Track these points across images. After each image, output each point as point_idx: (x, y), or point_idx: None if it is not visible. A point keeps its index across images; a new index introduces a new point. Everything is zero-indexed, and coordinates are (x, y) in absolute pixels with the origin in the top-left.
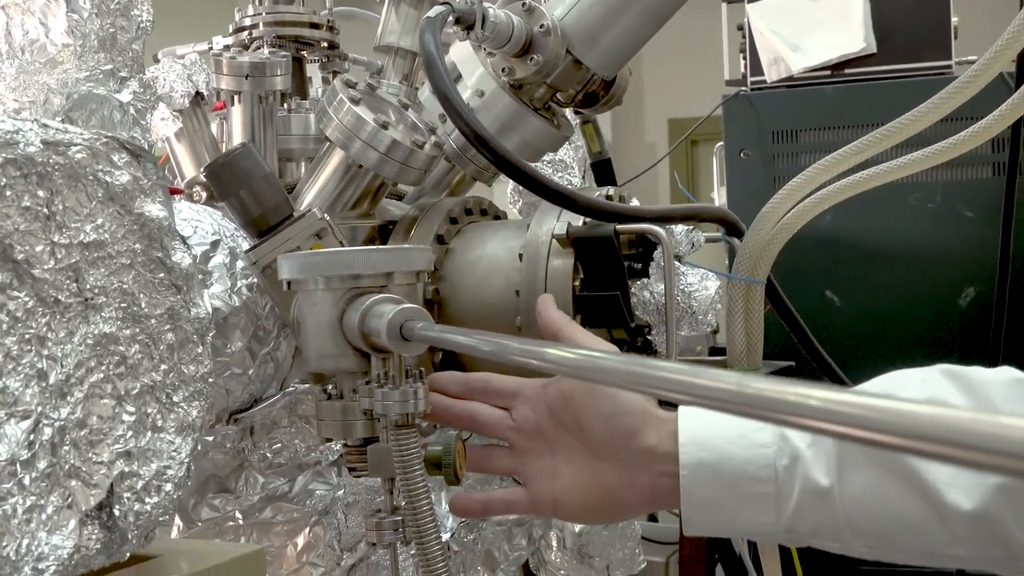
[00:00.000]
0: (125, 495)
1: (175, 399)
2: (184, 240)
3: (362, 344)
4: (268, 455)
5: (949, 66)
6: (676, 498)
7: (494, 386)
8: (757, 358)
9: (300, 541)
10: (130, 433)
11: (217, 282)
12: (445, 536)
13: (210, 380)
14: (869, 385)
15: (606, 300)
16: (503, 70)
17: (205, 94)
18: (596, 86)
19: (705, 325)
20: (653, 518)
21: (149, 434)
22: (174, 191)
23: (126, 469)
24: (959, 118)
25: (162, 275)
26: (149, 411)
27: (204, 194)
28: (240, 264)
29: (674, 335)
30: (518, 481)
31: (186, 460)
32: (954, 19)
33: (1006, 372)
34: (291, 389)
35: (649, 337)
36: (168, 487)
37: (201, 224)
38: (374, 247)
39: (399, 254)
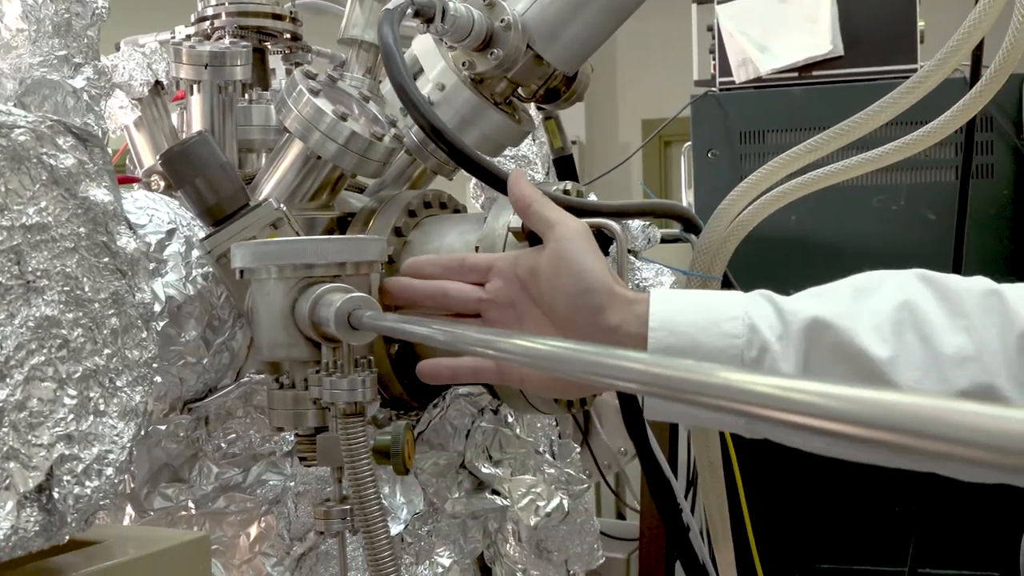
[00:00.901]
0: (65, 478)
1: (118, 384)
2: (131, 225)
3: (313, 333)
4: (222, 445)
5: (915, 70)
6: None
7: (469, 263)
8: None
9: (253, 531)
10: (71, 416)
11: (172, 271)
12: (399, 527)
13: (154, 365)
14: (847, 281)
15: None
16: (464, 64)
17: (165, 83)
18: (558, 82)
19: None
20: (621, 516)
21: (91, 418)
22: (131, 179)
23: (66, 452)
24: (918, 122)
25: (107, 259)
26: (91, 395)
27: (162, 183)
28: (196, 253)
29: None
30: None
31: (128, 445)
32: (920, 23)
33: (981, 282)
34: (246, 379)
35: None
36: (109, 471)
37: (157, 213)
38: (327, 236)
39: (352, 244)
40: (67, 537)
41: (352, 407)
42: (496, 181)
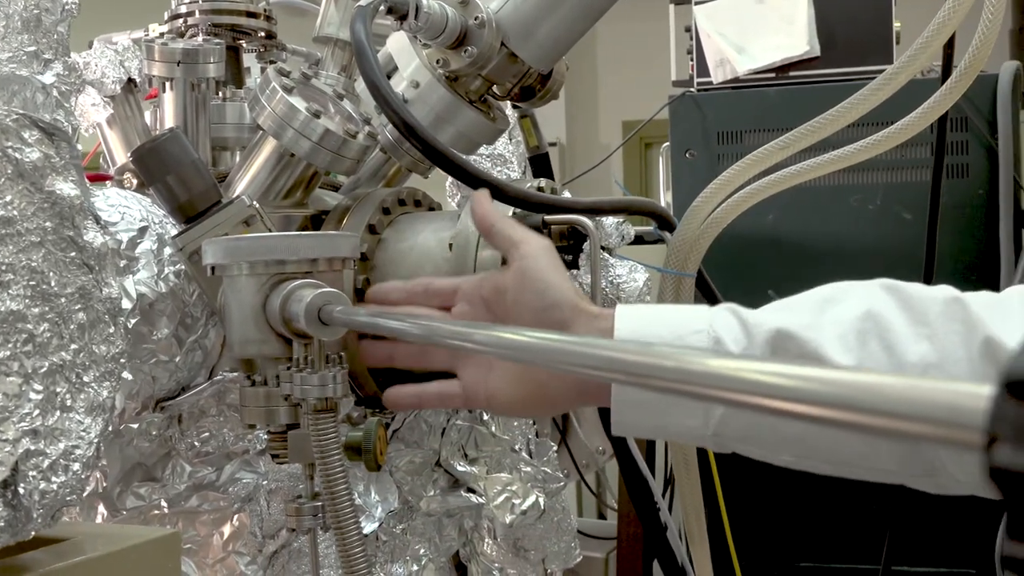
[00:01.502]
0: (31, 473)
1: (85, 379)
2: (99, 220)
3: (284, 330)
4: (196, 444)
5: None
6: (606, 395)
7: (434, 287)
8: None
9: (226, 530)
10: (37, 412)
11: (144, 268)
12: (373, 525)
13: (122, 361)
14: (811, 292)
15: None
16: (438, 61)
17: (137, 80)
18: (532, 80)
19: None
20: (601, 516)
21: (58, 413)
22: (103, 177)
23: (32, 448)
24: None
25: (73, 254)
26: (58, 390)
27: (135, 181)
28: (168, 251)
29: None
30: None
31: (95, 440)
32: (896, 24)
33: (944, 291)
34: (219, 377)
35: None
36: (76, 467)
37: (129, 210)
38: (299, 233)
39: (324, 240)
40: (33, 533)
41: (323, 403)
42: (469, 177)
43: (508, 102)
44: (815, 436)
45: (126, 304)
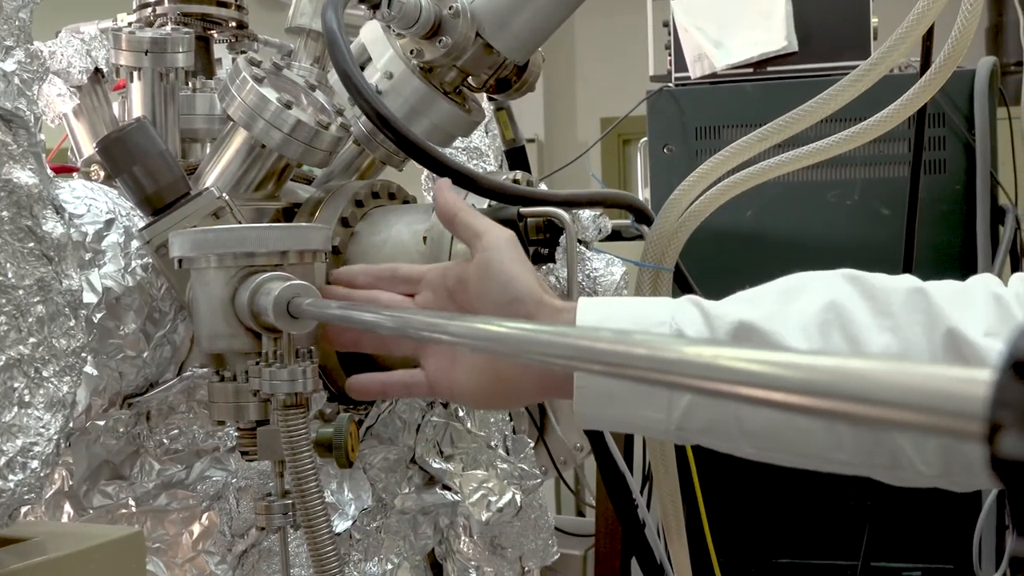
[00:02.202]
0: None
1: (45, 374)
2: (59, 210)
3: (253, 324)
4: (165, 441)
5: None
6: (569, 387)
7: (401, 274)
8: None
9: (195, 529)
10: None
11: (110, 262)
12: (347, 524)
13: (83, 355)
14: (774, 284)
15: None
16: (412, 52)
17: (105, 71)
18: (508, 71)
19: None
20: (580, 513)
21: (15, 409)
22: (69, 169)
23: None
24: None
25: (32, 244)
26: (15, 385)
27: (102, 173)
28: (135, 244)
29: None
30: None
31: (55, 437)
32: (874, 20)
33: (907, 280)
34: (189, 373)
35: None
36: (34, 464)
37: (95, 202)
38: (269, 224)
39: (294, 232)
40: None
41: (292, 398)
42: (442, 168)
43: (484, 94)
44: (779, 429)
45: (91, 298)
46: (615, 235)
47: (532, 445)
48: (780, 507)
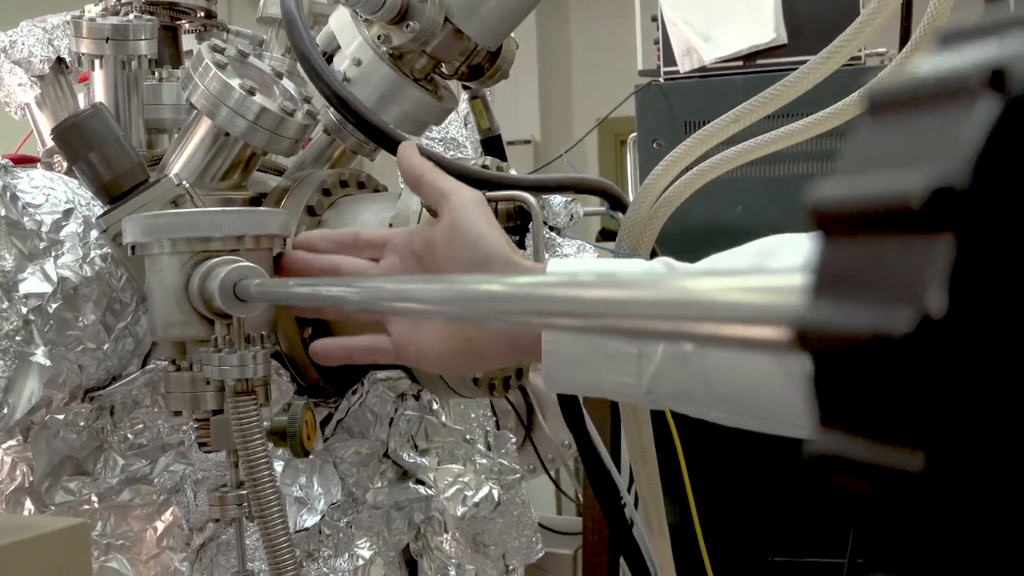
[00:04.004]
0: None
1: None
2: None
3: (205, 310)
4: (129, 436)
5: (859, 57)
6: (538, 351)
7: (363, 238)
8: None
9: (159, 525)
10: None
11: (69, 252)
12: (315, 519)
13: (17, 338)
14: (749, 245)
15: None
16: (379, 38)
17: (68, 60)
18: (481, 58)
19: None
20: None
21: None
22: (30, 159)
23: None
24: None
25: None
26: None
27: (65, 164)
28: (94, 234)
29: None
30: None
31: None
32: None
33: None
34: (152, 366)
35: None
36: None
37: (54, 192)
38: (224, 208)
39: (250, 216)
40: None
41: (243, 384)
42: (391, 143)
43: (460, 84)
44: (748, 395)
45: (45, 288)
46: (607, 234)
47: (514, 441)
48: (775, 505)
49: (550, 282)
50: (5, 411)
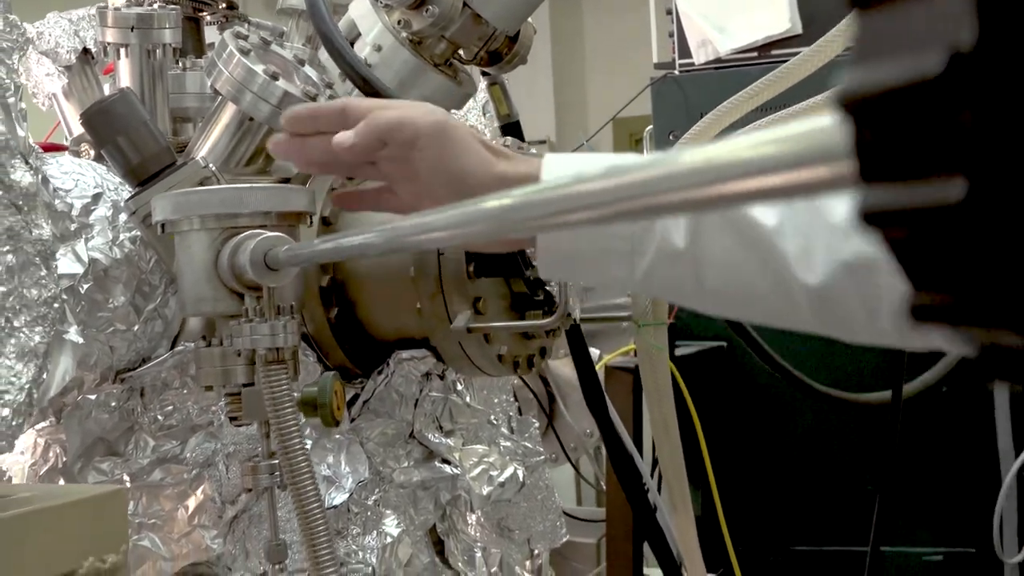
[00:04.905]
0: None
1: (16, 323)
2: (27, 160)
3: (236, 284)
4: (159, 417)
5: None
6: (533, 240)
7: (350, 109)
8: (662, 312)
9: (191, 503)
10: None
11: (98, 235)
12: (343, 496)
13: (55, 305)
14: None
15: None
16: (400, 23)
17: (93, 51)
18: (499, 43)
19: None
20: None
21: None
22: (58, 147)
23: None
24: None
25: (0, 193)
26: None
27: (92, 152)
28: (123, 217)
29: (566, 288)
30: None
31: (27, 386)
32: None
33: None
34: (181, 348)
35: (548, 288)
36: (5, 412)
37: (83, 177)
38: (252, 185)
39: (276, 193)
40: None
41: (274, 354)
42: None
43: (475, 66)
44: (737, 290)
45: (77, 268)
46: None
47: (536, 426)
48: (796, 494)
49: (564, 183)
50: (44, 376)
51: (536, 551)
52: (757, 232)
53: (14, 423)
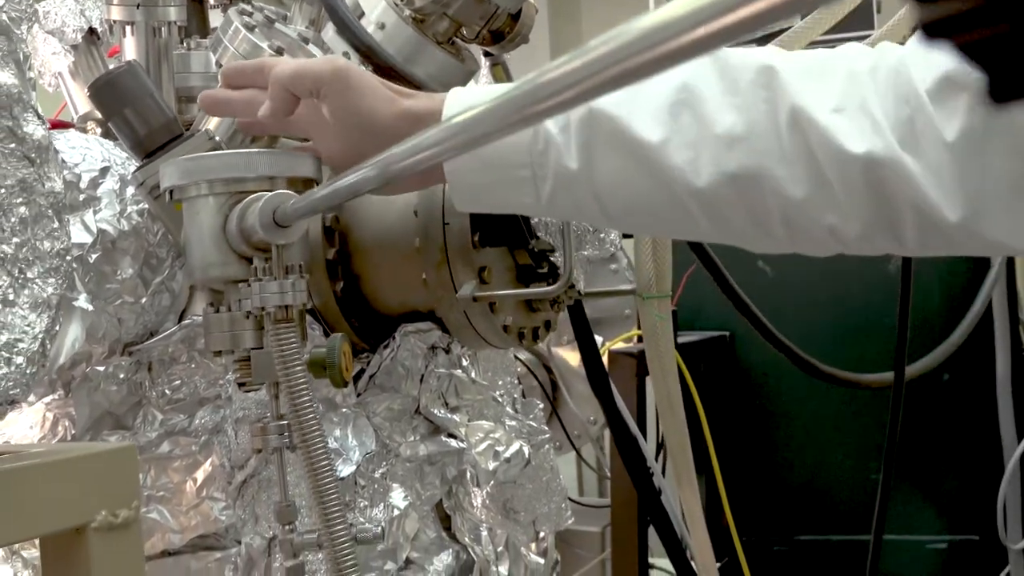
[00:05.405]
0: None
1: (29, 275)
2: (39, 115)
3: (245, 247)
4: (167, 392)
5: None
6: (443, 176)
7: (267, 67)
8: (666, 285)
9: (199, 475)
10: None
11: (106, 207)
12: (351, 468)
13: (68, 258)
14: None
15: (505, 218)
16: (402, 0)
17: (99, 30)
18: (501, 22)
19: (608, 244)
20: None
21: None
22: (65, 124)
23: None
24: None
25: (13, 145)
26: (0, 283)
27: (99, 130)
28: (130, 191)
29: (571, 253)
30: None
31: (40, 336)
32: None
33: (761, 55)
34: (188, 322)
35: (553, 259)
36: (20, 360)
37: (90, 151)
38: (258, 150)
39: (284, 158)
40: None
41: (283, 312)
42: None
43: (477, 45)
44: (635, 212)
45: (86, 238)
46: None
47: (541, 407)
48: (799, 484)
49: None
50: (57, 328)
51: (541, 533)
52: (644, 149)
53: (28, 371)
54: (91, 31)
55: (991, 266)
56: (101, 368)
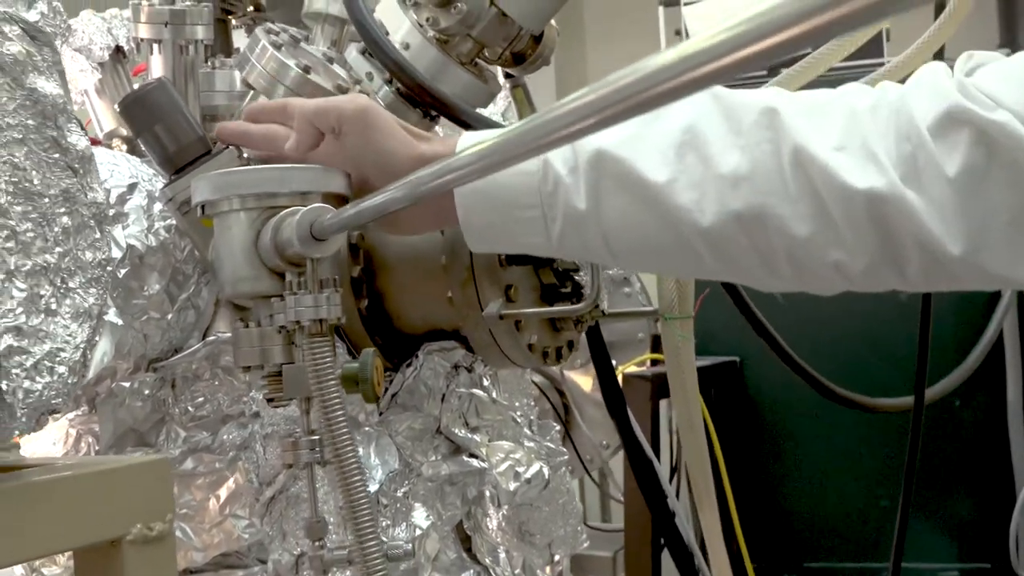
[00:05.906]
0: (14, 371)
1: (71, 284)
2: (82, 124)
3: (278, 262)
4: (190, 409)
5: (882, 63)
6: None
7: (289, 109)
8: (688, 305)
9: (223, 493)
10: (20, 309)
11: (134, 223)
12: (374, 487)
13: (109, 268)
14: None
15: None
16: (427, 20)
17: (126, 48)
18: (524, 44)
19: None
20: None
21: (42, 316)
22: (92, 141)
23: (15, 344)
24: None
25: (57, 155)
26: (42, 292)
27: (124, 147)
28: (158, 207)
29: (598, 272)
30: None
31: (82, 346)
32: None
33: (764, 96)
34: (213, 338)
35: (577, 278)
36: (61, 369)
37: (118, 168)
38: (290, 165)
39: (315, 173)
40: (16, 433)
41: (317, 326)
42: (449, 109)
43: (499, 66)
44: (641, 250)
45: (115, 253)
46: None
47: (558, 428)
48: (809, 511)
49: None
50: (97, 338)
51: (557, 556)
52: (650, 189)
53: (70, 381)
54: (118, 49)
55: (1002, 294)
56: (127, 384)
